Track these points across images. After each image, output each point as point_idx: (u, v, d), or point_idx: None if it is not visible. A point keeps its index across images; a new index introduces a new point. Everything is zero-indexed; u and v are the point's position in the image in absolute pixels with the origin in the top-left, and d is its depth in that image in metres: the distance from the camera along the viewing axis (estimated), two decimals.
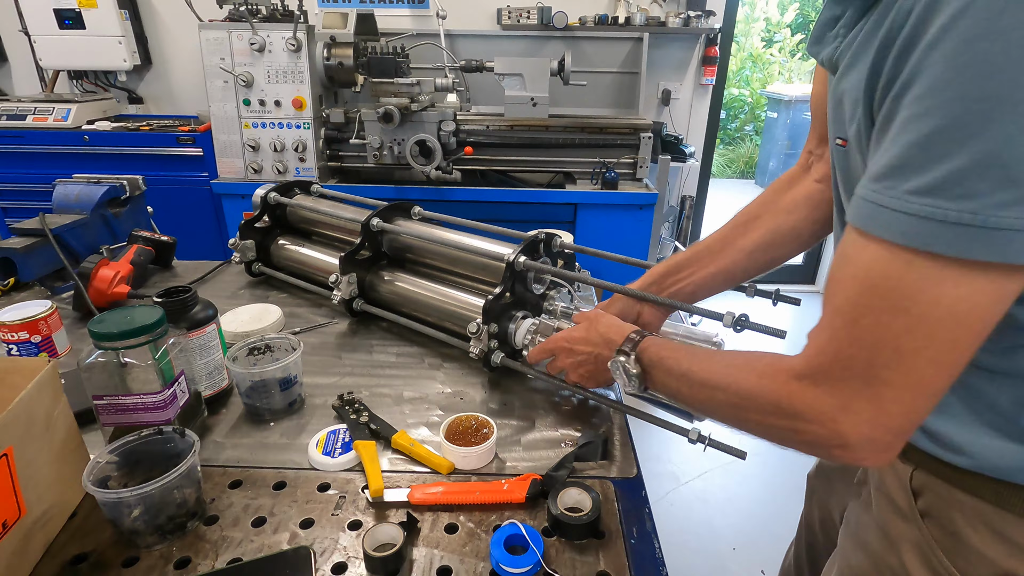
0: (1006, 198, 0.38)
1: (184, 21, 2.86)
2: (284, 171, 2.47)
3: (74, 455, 0.70)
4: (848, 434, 0.47)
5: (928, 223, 0.40)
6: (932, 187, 0.40)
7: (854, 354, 0.46)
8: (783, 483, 2.22)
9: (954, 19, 0.38)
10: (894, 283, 0.43)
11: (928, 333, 0.42)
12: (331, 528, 0.67)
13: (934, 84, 0.39)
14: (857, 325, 0.46)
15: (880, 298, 0.44)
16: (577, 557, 0.64)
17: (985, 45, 0.37)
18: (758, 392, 0.54)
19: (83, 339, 1.09)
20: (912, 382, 0.44)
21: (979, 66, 0.37)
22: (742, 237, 0.83)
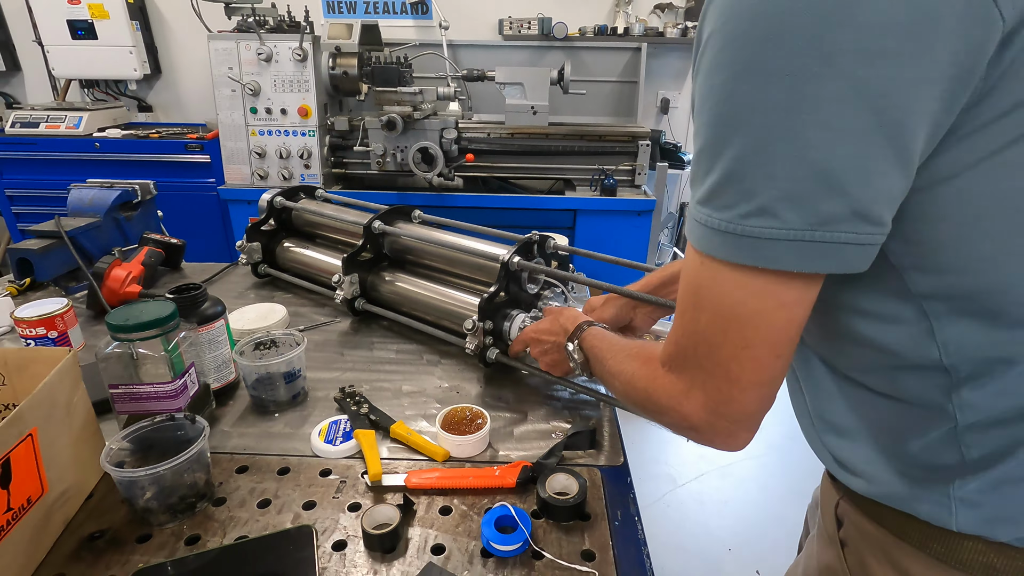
0: (747, 209, 0.42)
1: (193, 32, 2.94)
2: (289, 177, 2.53)
3: (91, 439, 0.74)
4: (691, 417, 0.52)
5: (705, 229, 0.46)
6: (704, 197, 0.46)
7: (686, 345, 0.52)
8: (779, 486, 2.24)
9: (701, 53, 0.44)
10: (696, 283, 0.49)
11: (723, 329, 0.47)
12: (332, 509, 0.71)
13: (697, 107, 0.45)
14: (683, 319, 0.51)
15: (691, 295, 0.50)
16: (564, 537, 0.68)
17: (717, 76, 0.42)
18: (638, 378, 0.60)
19: (96, 335, 1.14)
20: (723, 373, 0.49)
21: (716, 93, 0.43)
22: None
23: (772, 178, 0.41)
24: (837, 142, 0.39)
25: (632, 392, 0.62)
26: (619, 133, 2.54)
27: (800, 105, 0.39)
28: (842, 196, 0.40)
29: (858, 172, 0.39)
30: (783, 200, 0.41)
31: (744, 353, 0.47)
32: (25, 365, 0.72)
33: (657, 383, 0.56)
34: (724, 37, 0.42)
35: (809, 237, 0.41)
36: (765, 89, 0.40)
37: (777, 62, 0.39)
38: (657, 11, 2.98)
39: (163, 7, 3.09)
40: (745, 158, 0.42)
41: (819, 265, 0.42)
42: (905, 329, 0.47)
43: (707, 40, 0.44)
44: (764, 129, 0.40)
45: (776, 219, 0.41)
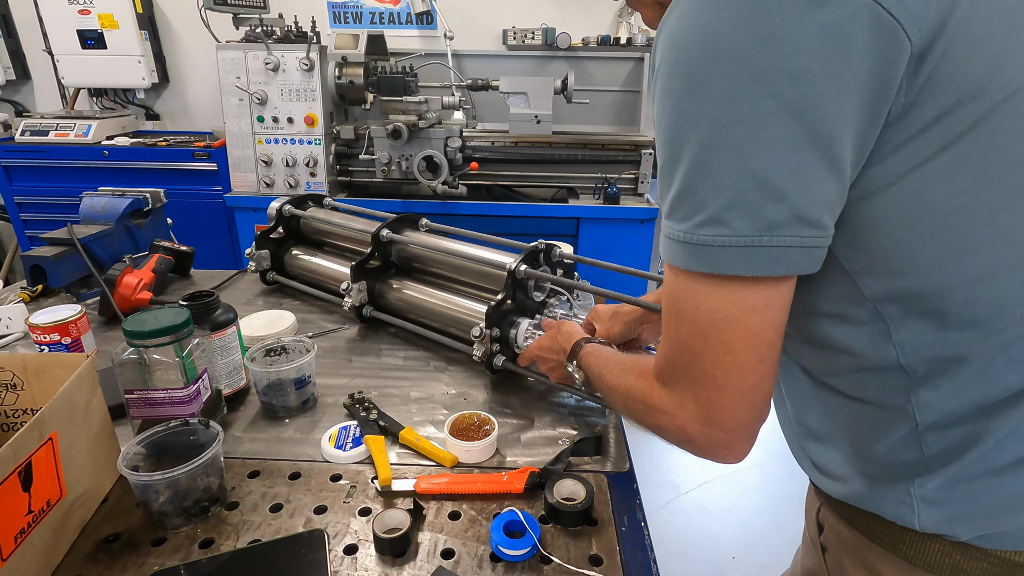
0: (700, 219, 0.46)
1: (201, 41, 2.97)
2: (295, 185, 2.55)
3: (107, 443, 0.75)
4: (687, 429, 0.53)
5: (668, 241, 0.49)
6: (667, 211, 0.49)
7: (673, 357, 0.53)
8: (782, 493, 2.24)
9: (654, 80, 0.48)
10: (673, 294, 0.51)
11: (703, 336, 0.49)
12: (343, 514, 0.72)
13: (655, 128, 0.49)
14: (668, 331, 0.53)
15: (671, 306, 0.52)
16: (571, 542, 0.69)
17: (667, 100, 0.46)
18: (635, 391, 0.61)
19: (109, 341, 1.16)
20: (710, 381, 0.50)
21: (667, 115, 0.47)
22: None
23: (718, 189, 0.44)
24: (773, 153, 0.42)
25: (631, 406, 0.63)
26: (622, 142, 2.57)
27: (737, 121, 0.42)
28: (782, 202, 0.43)
29: (795, 180, 0.43)
30: (730, 208, 0.44)
31: (727, 359, 0.48)
32: (43, 370, 0.74)
33: (653, 396, 0.57)
34: (670, 65, 0.46)
35: (757, 243, 0.44)
36: (706, 108, 0.44)
37: (715, 83, 0.43)
38: None
39: (172, 17, 3.13)
40: (694, 172, 0.45)
41: (769, 268, 0.45)
42: (865, 331, 0.50)
43: (658, 69, 0.47)
44: (708, 144, 0.44)
45: (727, 227, 0.45)
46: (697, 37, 0.43)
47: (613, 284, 1.10)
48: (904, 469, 0.51)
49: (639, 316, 0.93)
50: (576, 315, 1.08)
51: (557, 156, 2.55)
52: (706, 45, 0.43)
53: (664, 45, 0.47)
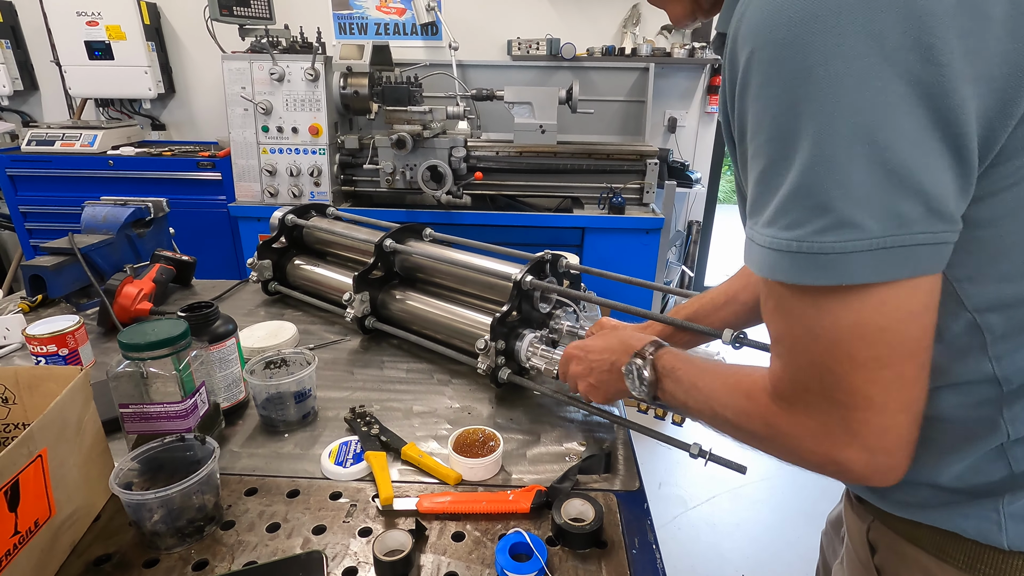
0: (823, 223, 0.40)
1: (207, 52, 2.99)
2: (299, 195, 2.55)
3: (100, 459, 0.73)
4: (837, 457, 0.46)
5: (771, 253, 0.44)
6: (770, 219, 0.44)
7: (805, 380, 0.47)
8: (792, 508, 2.20)
9: (746, 70, 0.43)
10: (792, 312, 0.46)
11: (848, 356, 0.43)
12: (342, 534, 0.70)
13: (753, 127, 0.44)
14: (790, 352, 0.48)
15: (793, 326, 0.46)
16: (580, 565, 0.66)
17: (772, 90, 0.41)
18: (750, 417, 0.54)
19: (107, 353, 1.14)
20: (864, 403, 0.44)
21: (773, 108, 0.42)
22: (745, 291, 0.85)
23: (846, 186, 0.39)
24: (907, 141, 0.38)
25: (744, 430, 0.55)
26: (627, 152, 2.55)
27: (867, 107, 0.38)
28: (918, 195, 0.39)
29: (928, 169, 0.39)
30: (862, 208, 0.39)
31: (883, 375, 0.43)
32: (36, 383, 0.72)
33: (779, 423, 0.50)
34: (771, 50, 0.41)
35: (890, 244, 0.40)
36: (827, 94, 0.39)
37: (837, 65, 0.38)
38: (664, 32, 3.01)
39: (178, 28, 3.15)
40: (814, 169, 0.40)
41: (895, 272, 0.40)
42: (956, 345, 0.47)
43: (748, 60, 0.43)
44: (832, 135, 0.39)
45: (856, 230, 0.40)
46: (809, 13, 0.38)
47: (619, 295, 1.08)
48: (990, 486, 0.48)
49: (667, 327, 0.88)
50: (582, 327, 1.05)
51: (562, 166, 2.54)
52: (825, 20, 0.38)
53: (756, 30, 0.42)
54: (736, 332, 0.79)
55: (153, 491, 0.64)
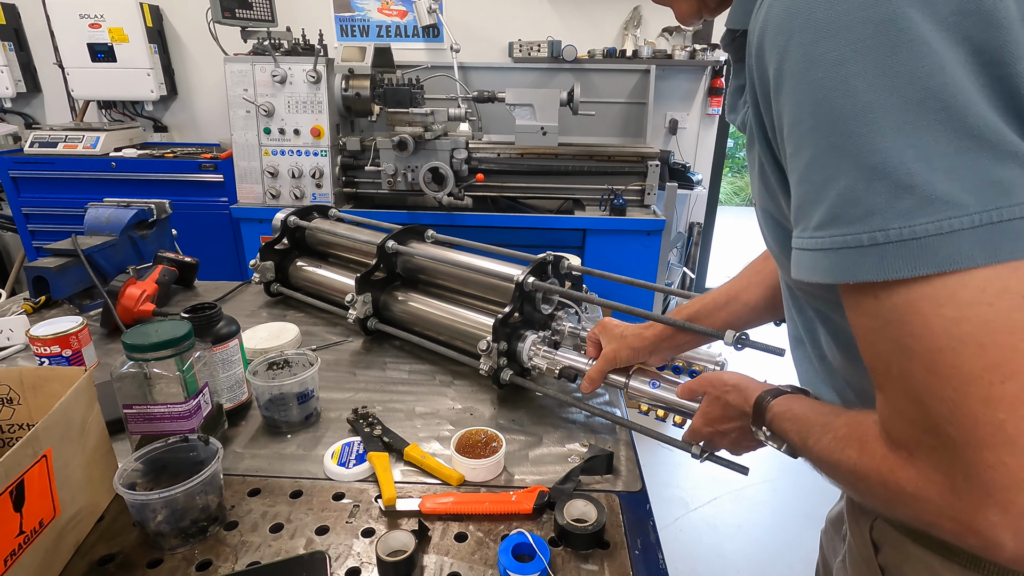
0: (907, 206, 0.35)
1: (210, 54, 3.00)
2: (301, 197, 2.55)
3: (104, 460, 0.73)
4: (974, 523, 0.36)
5: (845, 253, 0.38)
6: (832, 217, 0.39)
7: (915, 418, 0.39)
8: (794, 510, 2.19)
9: (781, 61, 0.40)
10: (880, 324, 0.39)
11: (955, 367, 0.35)
12: (345, 535, 0.70)
13: (792, 121, 0.41)
14: (895, 381, 0.40)
15: (882, 343, 0.40)
16: (582, 566, 0.66)
17: (815, 73, 0.38)
18: (866, 473, 0.44)
19: (110, 354, 1.14)
20: (989, 433, 0.34)
21: (817, 91, 0.38)
22: (747, 292, 0.84)
23: (928, 158, 0.35)
24: (980, 105, 0.34)
25: (865, 491, 0.46)
26: (628, 153, 2.55)
27: (936, 70, 0.34)
28: (1015, 158, 0.34)
29: (1009, 133, 0.35)
30: (952, 180, 0.34)
31: (1008, 389, 0.34)
32: (41, 384, 0.72)
33: (898, 477, 0.41)
34: (812, 33, 0.38)
35: (996, 218, 0.34)
36: (888, 63, 0.35)
37: (890, 35, 0.35)
38: (665, 34, 3.01)
39: (180, 31, 3.16)
40: (885, 145, 0.36)
41: (1014, 250, 0.34)
42: None
43: (784, 50, 0.40)
44: (901, 105, 0.35)
45: (951, 206, 0.34)
46: None
47: (621, 295, 1.08)
48: None
49: (654, 342, 0.87)
50: (584, 328, 1.05)
51: (563, 168, 2.54)
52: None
53: (790, 15, 0.39)
54: (738, 333, 0.79)
55: (157, 491, 0.65)
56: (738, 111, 0.57)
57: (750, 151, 0.54)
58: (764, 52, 0.42)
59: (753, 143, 0.51)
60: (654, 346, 0.86)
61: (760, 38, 0.43)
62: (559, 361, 0.96)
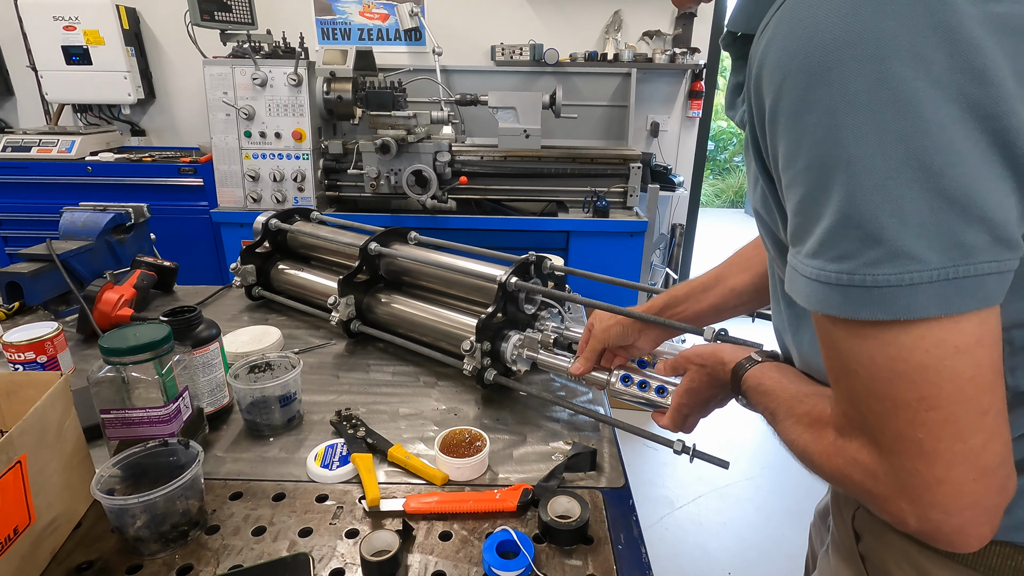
0: (875, 255, 0.38)
1: (188, 57, 2.96)
2: (283, 200, 2.53)
3: (81, 465, 0.72)
4: (888, 507, 0.43)
5: (818, 286, 0.41)
6: (815, 250, 0.41)
7: (854, 416, 0.45)
8: (775, 506, 2.22)
9: (777, 99, 0.42)
10: (835, 346, 0.43)
11: (889, 396, 0.40)
12: (329, 536, 0.70)
13: (787, 156, 0.42)
14: (838, 385, 0.45)
15: (836, 359, 0.44)
16: (566, 562, 0.66)
17: (808, 118, 0.39)
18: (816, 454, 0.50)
19: (87, 360, 1.12)
20: (913, 448, 0.40)
21: (811, 135, 0.40)
22: (734, 277, 0.85)
23: (901, 215, 0.37)
24: (965, 166, 0.36)
25: (815, 469, 0.52)
26: (611, 156, 2.58)
27: (918, 132, 0.36)
28: (982, 222, 0.37)
29: (990, 194, 0.37)
30: (920, 237, 0.37)
31: (930, 417, 0.39)
32: (15, 390, 0.71)
33: (839, 460, 0.47)
34: (807, 77, 0.39)
35: (952, 275, 0.37)
36: (873, 119, 0.37)
37: (883, 90, 0.36)
38: (646, 38, 3.04)
39: (158, 33, 3.12)
40: (863, 198, 0.38)
41: (963, 305, 0.38)
42: None
43: (780, 88, 0.41)
44: (883, 163, 0.37)
45: (914, 261, 0.37)
46: (846, 39, 0.37)
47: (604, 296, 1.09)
48: None
49: (637, 321, 0.88)
50: (568, 328, 1.06)
51: (546, 170, 2.55)
52: (866, 46, 0.37)
53: (788, 56, 0.40)
54: (718, 329, 0.81)
55: (136, 496, 0.64)
56: (737, 108, 0.59)
57: (746, 154, 0.55)
58: (761, 85, 0.43)
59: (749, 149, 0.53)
60: (643, 326, 0.87)
61: (759, 70, 0.43)
62: (544, 361, 0.97)
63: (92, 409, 0.77)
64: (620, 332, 0.89)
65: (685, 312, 0.87)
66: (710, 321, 0.87)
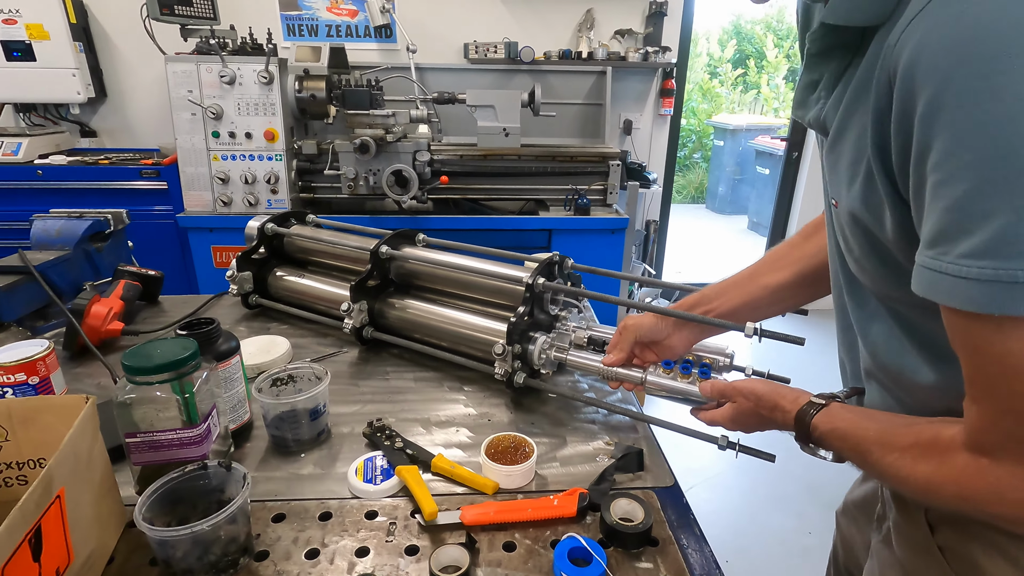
0: None
1: (144, 54, 2.80)
2: (256, 203, 2.43)
3: (109, 495, 0.67)
4: None
5: (994, 286, 0.40)
6: (985, 249, 0.40)
7: (1008, 425, 0.44)
8: (760, 493, 2.29)
9: (938, 93, 0.40)
10: (996, 350, 0.42)
11: None
12: (388, 555, 0.66)
13: (948, 151, 0.41)
14: (994, 395, 0.45)
15: (996, 367, 0.43)
16: (637, 565, 0.66)
17: (987, 106, 0.38)
18: (942, 479, 0.50)
19: (78, 379, 1.04)
20: None
21: (986, 127, 0.39)
22: (767, 275, 0.86)
23: None
24: None
25: (935, 497, 0.52)
26: (590, 154, 2.59)
27: None
28: None
29: None
30: None
31: None
32: (32, 416, 0.64)
33: (979, 482, 0.47)
34: (979, 67, 0.38)
35: None
36: None
37: None
38: (618, 36, 3.07)
39: (109, 28, 2.93)
40: None
41: None
42: None
43: (942, 84, 0.40)
44: None
45: None
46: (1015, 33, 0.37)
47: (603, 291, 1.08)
48: None
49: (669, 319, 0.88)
50: (589, 326, 1.05)
51: (527, 168, 2.54)
52: None
53: (952, 48, 0.39)
54: (755, 326, 0.82)
55: (187, 527, 0.59)
56: (809, 107, 0.58)
57: (831, 152, 0.55)
58: (914, 78, 0.42)
59: (837, 143, 0.52)
60: (677, 323, 0.87)
61: (910, 62, 0.42)
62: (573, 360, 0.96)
63: (112, 432, 0.71)
64: (652, 323, 0.88)
65: (719, 309, 0.88)
66: (744, 318, 0.88)
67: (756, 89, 7.70)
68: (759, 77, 7.68)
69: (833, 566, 0.92)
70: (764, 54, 7.61)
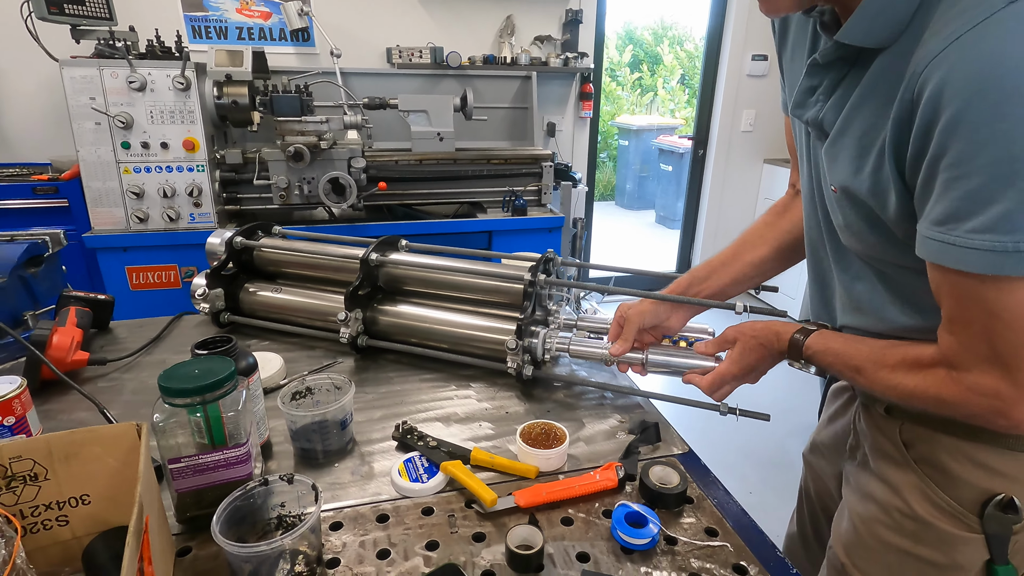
0: None
1: (24, 57, 2.50)
2: (176, 218, 2.27)
3: (166, 524, 0.64)
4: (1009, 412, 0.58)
5: (993, 255, 0.53)
6: (988, 226, 0.52)
7: (980, 349, 0.58)
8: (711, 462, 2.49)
9: (962, 110, 0.51)
10: (984, 298, 0.56)
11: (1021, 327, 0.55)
12: (459, 544, 0.69)
13: (962, 154, 0.52)
14: (970, 329, 0.59)
15: (979, 310, 0.57)
16: (682, 521, 0.74)
17: (1000, 126, 0.50)
18: (924, 388, 0.64)
19: (49, 416, 0.95)
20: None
21: (998, 139, 0.50)
22: (750, 252, 0.99)
23: None
24: None
25: (918, 401, 0.66)
26: (523, 156, 2.68)
27: None
28: None
29: None
30: None
31: None
32: (75, 451, 0.60)
33: (955, 390, 0.61)
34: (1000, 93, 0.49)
35: None
36: None
37: None
38: (537, 42, 3.19)
39: None
40: None
41: None
42: None
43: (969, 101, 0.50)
44: None
45: None
46: None
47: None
48: None
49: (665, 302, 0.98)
50: (582, 316, 1.12)
51: (463, 172, 2.58)
52: None
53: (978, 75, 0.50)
54: (744, 304, 0.94)
55: (266, 543, 0.59)
56: (808, 108, 0.69)
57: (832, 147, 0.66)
58: (941, 95, 0.52)
59: (839, 140, 0.63)
60: (673, 305, 0.97)
61: (940, 83, 0.52)
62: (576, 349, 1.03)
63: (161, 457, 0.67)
64: (654, 311, 0.98)
65: (710, 288, 0.99)
66: (731, 294, 1.00)
67: (652, 91, 8.23)
68: (653, 80, 8.21)
69: (805, 500, 1.05)
70: (660, 58, 8.15)
